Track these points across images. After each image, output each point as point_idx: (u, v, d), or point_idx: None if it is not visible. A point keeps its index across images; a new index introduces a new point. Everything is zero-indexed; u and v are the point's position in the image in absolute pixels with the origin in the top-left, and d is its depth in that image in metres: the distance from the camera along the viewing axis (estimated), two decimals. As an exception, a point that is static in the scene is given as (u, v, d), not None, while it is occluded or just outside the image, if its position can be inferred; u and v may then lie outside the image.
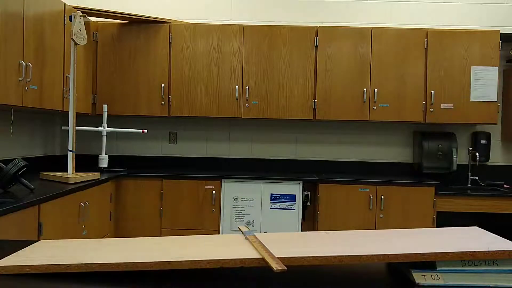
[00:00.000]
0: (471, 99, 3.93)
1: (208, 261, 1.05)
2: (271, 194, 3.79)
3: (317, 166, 4.36)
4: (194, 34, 4.04)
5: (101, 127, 4.01)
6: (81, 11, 3.40)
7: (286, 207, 3.77)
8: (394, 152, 4.36)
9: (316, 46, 4.00)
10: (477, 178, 4.21)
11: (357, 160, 4.37)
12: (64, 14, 3.41)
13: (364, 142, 4.37)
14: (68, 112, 3.30)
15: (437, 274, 1.05)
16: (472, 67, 3.93)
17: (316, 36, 4.00)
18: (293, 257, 1.05)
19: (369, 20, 4.34)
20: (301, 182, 3.79)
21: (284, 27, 4.03)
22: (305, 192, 3.85)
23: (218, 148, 4.43)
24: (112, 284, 1.05)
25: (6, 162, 2.62)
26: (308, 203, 3.90)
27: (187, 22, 4.14)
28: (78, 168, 3.41)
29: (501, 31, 3.96)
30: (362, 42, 3.98)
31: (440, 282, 1.05)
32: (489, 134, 4.24)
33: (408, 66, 3.98)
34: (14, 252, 1.19)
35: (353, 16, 4.35)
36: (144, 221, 3.82)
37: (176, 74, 4.04)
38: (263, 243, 1.16)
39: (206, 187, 3.81)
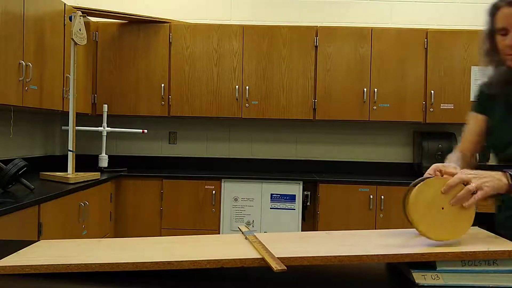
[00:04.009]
0: (471, 99, 3.93)
1: (208, 261, 1.05)
2: (271, 194, 3.79)
3: (317, 166, 4.36)
4: (194, 34, 4.04)
5: (101, 127, 4.01)
6: (81, 11, 3.40)
7: (286, 207, 3.77)
8: (394, 152, 4.36)
9: (316, 46, 4.00)
10: (477, 178, 4.20)
11: (357, 160, 4.37)
12: (64, 14, 3.41)
13: (364, 142, 4.37)
14: (68, 112, 3.30)
15: (437, 274, 1.05)
16: (472, 67, 3.93)
17: (316, 36, 4.00)
18: (293, 257, 1.05)
19: (369, 20, 4.34)
20: (301, 182, 3.79)
21: (284, 27, 4.03)
22: (305, 192, 3.85)
23: (218, 148, 4.43)
24: (112, 284, 1.05)
25: (6, 162, 2.61)
26: (308, 203, 3.90)
27: (187, 22, 4.14)
28: (78, 168, 3.40)
29: (501, 31, 3.96)
30: (362, 42, 3.98)
31: (440, 282, 1.05)
32: (489, 134, 4.24)
33: (408, 66, 3.98)
34: (14, 252, 1.19)
35: (353, 16, 4.35)
36: (144, 221, 3.82)
37: (176, 74, 4.04)
38: (263, 243, 1.16)
39: (206, 187, 3.81)
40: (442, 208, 1.15)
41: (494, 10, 1.49)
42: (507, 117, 1.56)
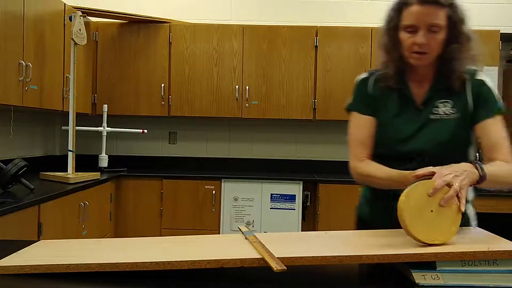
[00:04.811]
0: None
1: (208, 261, 1.05)
2: (271, 194, 3.79)
3: (317, 166, 4.36)
4: (194, 34, 4.03)
5: (101, 127, 4.01)
6: (81, 11, 3.40)
7: (286, 207, 3.77)
8: (394, 152, 4.35)
9: (316, 46, 4.00)
10: (477, 178, 4.19)
11: (357, 160, 4.36)
12: (64, 14, 3.41)
13: (364, 142, 4.36)
14: (68, 112, 3.30)
15: (437, 274, 1.05)
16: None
17: (316, 36, 4.00)
18: (293, 257, 1.05)
19: (369, 20, 4.33)
20: (301, 182, 3.79)
21: (284, 27, 4.03)
22: (305, 192, 3.85)
23: (218, 148, 4.42)
24: (112, 284, 1.05)
25: (6, 162, 2.61)
26: (308, 203, 3.90)
27: (187, 22, 4.14)
28: (78, 168, 3.40)
29: (501, 31, 3.96)
30: (362, 42, 3.98)
31: (440, 282, 1.05)
32: (489, 134, 4.23)
33: (408, 66, 3.97)
34: (14, 252, 1.19)
35: (353, 16, 4.35)
36: (144, 221, 3.82)
37: (176, 74, 4.04)
38: (263, 243, 1.16)
39: (206, 187, 3.81)
40: (431, 211, 1.15)
41: (401, 6, 1.47)
42: (403, 111, 1.55)
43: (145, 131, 4.10)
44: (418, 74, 1.55)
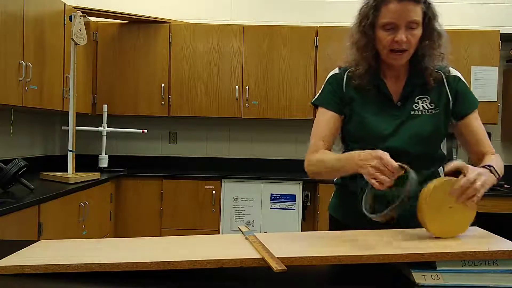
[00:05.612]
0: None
1: (208, 261, 1.05)
2: (271, 194, 3.79)
3: (317, 166, 4.35)
4: (194, 34, 4.03)
5: (101, 127, 4.01)
6: (81, 11, 3.40)
7: (286, 207, 3.77)
8: (394, 152, 4.35)
9: (316, 46, 3.99)
10: (477, 178, 4.18)
11: (357, 160, 4.35)
12: (64, 14, 3.41)
13: (364, 142, 4.36)
14: (68, 112, 3.30)
15: (437, 274, 1.05)
16: (472, 67, 3.93)
17: (316, 36, 4.00)
18: (293, 257, 1.05)
19: (369, 20, 4.33)
20: (301, 182, 3.79)
21: (284, 27, 4.03)
22: (305, 192, 3.85)
23: (218, 148, 4.42)
24: (112, 284, 1.05)
25: (6, 162, 2.61)
26: (308, 203, 3.90)
27: (187, 22, 4.14)
28: (78, 168, 3.40)
29: (501, 31, 3.96)
30: (362, 42, 3.97)
31: (440, 282, 1.05)
32: (489, 134, 4.22)
33: (408, 66, 3.97)
34: (14, 252, 1.19)
35: (353, 16, 4.34)
36: (144, 221, 3.82)
37: (176, 74, 4.04)
38: (263, 243, 1.16)
39: (206, 187, 3.80)
40: (450, 207, 1.20)
41: (379, 4, 1.46)
42: (382, 109, 1.53)
43: (145, 131, 4.10)
44: (394, 71, 1.55)
